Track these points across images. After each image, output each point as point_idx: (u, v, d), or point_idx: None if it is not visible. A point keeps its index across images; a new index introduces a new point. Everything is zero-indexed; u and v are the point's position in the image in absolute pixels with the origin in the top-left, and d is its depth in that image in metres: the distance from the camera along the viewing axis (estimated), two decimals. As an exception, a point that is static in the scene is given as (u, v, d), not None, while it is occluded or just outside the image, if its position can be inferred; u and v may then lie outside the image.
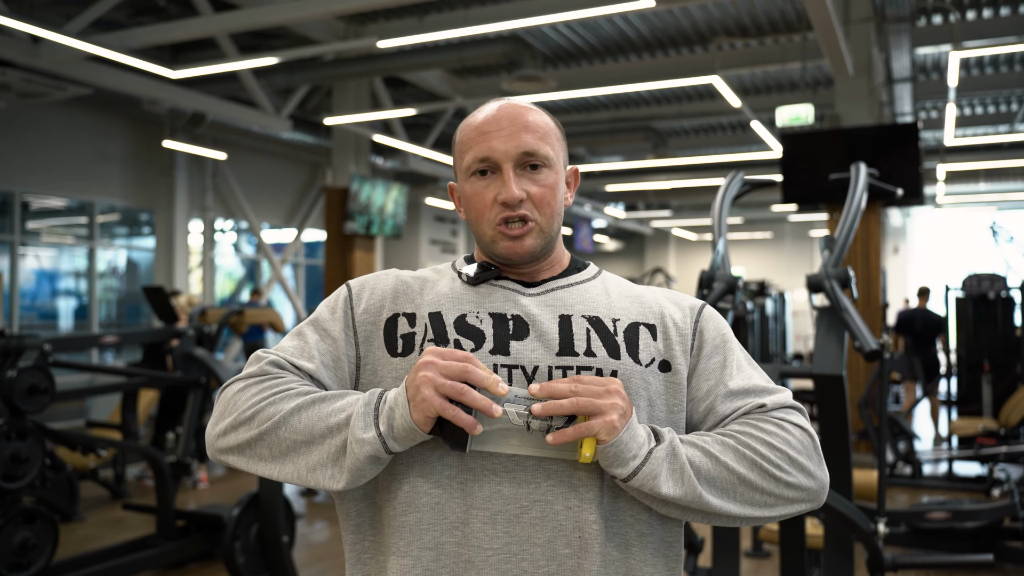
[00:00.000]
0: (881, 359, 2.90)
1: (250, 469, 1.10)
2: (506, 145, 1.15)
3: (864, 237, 7.98)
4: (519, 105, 1.20)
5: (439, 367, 1.01)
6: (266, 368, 1.14)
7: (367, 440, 1.03)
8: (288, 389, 1.10)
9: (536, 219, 1.16)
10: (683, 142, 13.85)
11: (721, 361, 1.20)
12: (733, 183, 3.55)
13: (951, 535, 4.77)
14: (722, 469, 1.08)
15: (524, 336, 1.14)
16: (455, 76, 10.35)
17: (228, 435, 1.10)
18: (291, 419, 1.07)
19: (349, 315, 1.20)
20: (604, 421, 1.02)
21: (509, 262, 1.19)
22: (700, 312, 1.23)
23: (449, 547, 1.08)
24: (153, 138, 10.44)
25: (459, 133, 1.22)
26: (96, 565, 4.23)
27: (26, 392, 3.86)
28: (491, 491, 1.08)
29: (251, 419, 1.08)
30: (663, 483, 1.05)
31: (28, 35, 6.59)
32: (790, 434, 1.11)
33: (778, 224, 21.49)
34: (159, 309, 5.31)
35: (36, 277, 10.06)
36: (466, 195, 1.19)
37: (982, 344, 7.42)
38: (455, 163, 1.23)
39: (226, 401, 1.12)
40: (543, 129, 1.19)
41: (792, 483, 1.09)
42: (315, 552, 5.12)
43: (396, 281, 1.23)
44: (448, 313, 1.16)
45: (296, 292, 13.65)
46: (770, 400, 1.14)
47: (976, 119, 12.41)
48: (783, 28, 8.54)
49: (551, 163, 1.19)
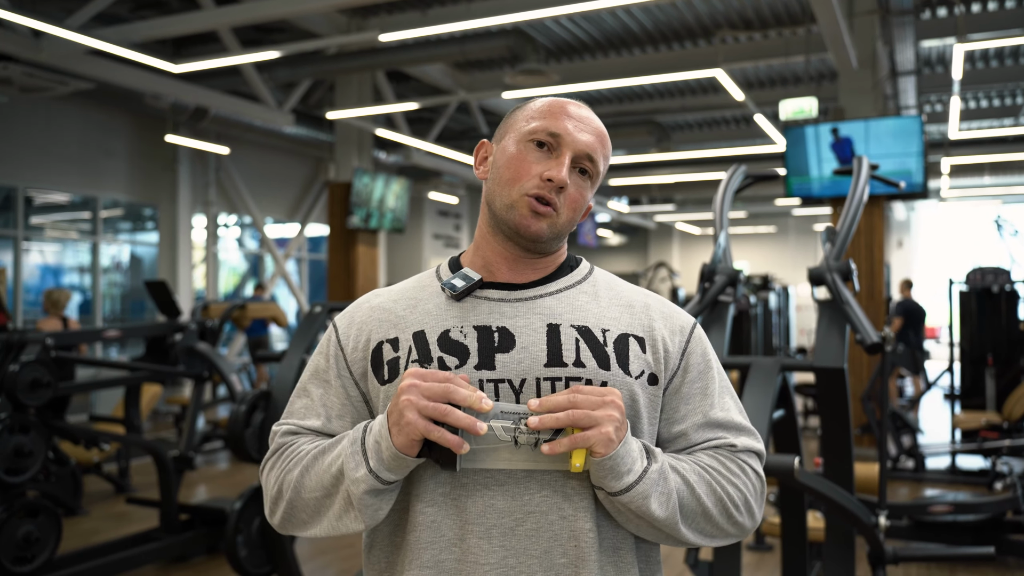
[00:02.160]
0: (883, 352, 2.89)
1: (306, 535, 1.16)
2: (578, 136, 1.17)
3: (868, 231, 7.96)
4: (594, 114, 1.23)
5: (421, 389, 1.01)
6: (280, 441, 1.19)
7: (360, 479, 1.05)
8: (297, 454, 1.15)
9: (560, 211, 1.16)
10: (687, 136, 13.81)
11: (703, 388, 1.21)
12: (735, 176, 3.54)
13: (953, 528, 4.77)
14: (695, 500, 1.11)
15: (510, 348, 1.13)
16: (458, 70, 10.34)
17: (275, 515, 1.17)
18: (304, 481, 1.11)
19: (342, 358, 1.21)
20: (600, 433, 1.02)
21: (516, 235, 1.17)
22: (691, 334, 1.23)
23: (448, 564, 1.09)
24: (156, 133, 10.44)
25: (532, 103, 1.22)
26: (100, 559, 4.25)
27: (28, 386, 3.87)
28: (485, 505, 1.09)
29: (280, 494, 1.15)
30: (653, 503, 1.07)
31: (30, 29, 6.58)
32: (750, 479, 1.17)
33: (782, 218, 21.45)
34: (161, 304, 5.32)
35: (40, 272, 10.07)
36: (509, 155, 1.18)
37: (986, 338, 7.39)
38: (510, 125, 1.22)
39: (263, 484, 1.19)
40: (606, 145, 1.22)
41: (739, 523, 1.15)
42: (318, 546, 5.13)
43: (379, 309, 1.22)
44: (431, 331, 1.16)
45: (300, 287, 13.66)
46: (739, 442, 1.18)
47: (981, 112, 12.35)
48: (787, 21, 8.51)
49: (595, 179, 1.21)
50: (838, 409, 2.96)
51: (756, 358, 2.97)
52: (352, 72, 9.05)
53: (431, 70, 9.82)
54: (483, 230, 1.23)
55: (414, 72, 9.68)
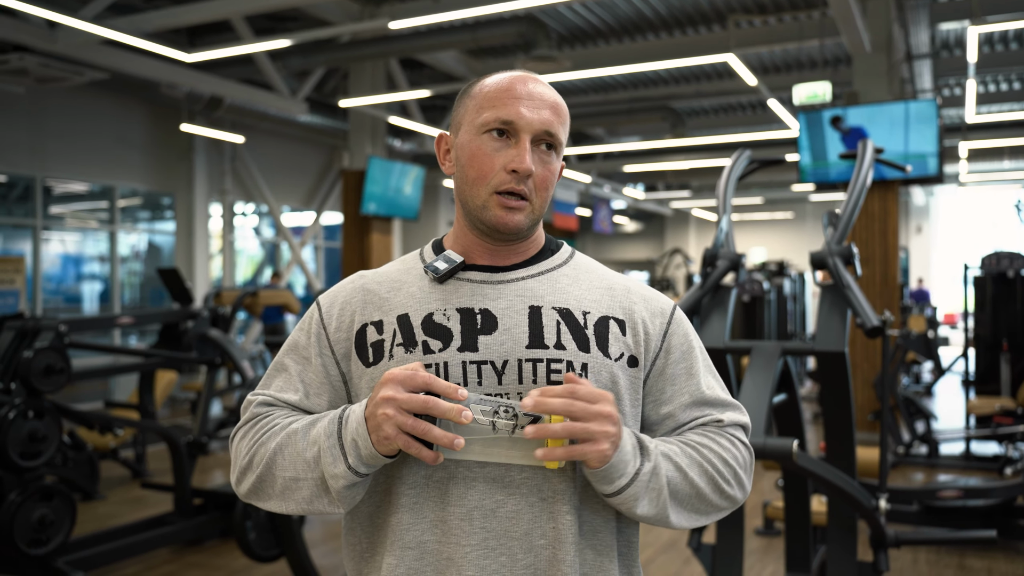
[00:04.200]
0: (884, 336, 2.89)
1: (269, 508, 1.16)
2: (532, 116, 1.14)
3: (882, 216, 7.90)
4: (544, 82, 1.20)
5: (399, 402, 1.00)
6: (255, 411, 1.18)
7: (339, 475, 1.06)
8: (272, 427, 1.14)
9: (532, 199, 1.15)
10: (701, 122, 13.74)
11: (687, 368, 1.22)
12: (739, 161, 3.54)
13: (963, 513, 4.75)
14: (688, 484, 1.13)
15: (492, 330, 1.13)
16: (471, 57, 10.33)
17: (241, 484, 1.17)
18: (276, 459, 1.12)
19: (323, 336, 1.20)
20: (596, 450, 1.03)
21: (495, 232, 1.17)
22: (671, 317, 1.24)
23: (431, 545, 1.10)
24: (172, 122, 10.51)
25: (479, 87, 1.19)
26: (115, 541, 4.33)
27: (42, 372, 3.93)
28: (466, 488, 1.10)
29: (249, 465, 1.14)
30: (640, 505, 1.09)
31: (45, 20, 6.65)
32: (739, 452, 1.19)
33: (799, 204, 21.32)
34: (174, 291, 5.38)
35: (60, 261, 10.20)
36: (470, 151, 1.16)
37: (1000, 323, 7.34)
38: (463, 115, 1.20)
39: (233, 452, 1.19)
40: (563, 114, 1.19)
41: (730, 495, 1.17)
42: (328, 530, 5.18)
43: (363, 290, 1.22)
44: (415, 314, 1.16)
45: (316, 275, 13.74)
46: (726, 417, 1.21)
47: (999, 96, 12.19)
48: (800, 5, 8.44)
49: (560, 149, 1.19)
50: (840, 393, 2.96)
51: (758, 342, 2.97)
52: (365, 60, 9.06)
53: (444, 57, 9.81)
54: (460, 222, 1.23)
55: (427, 59, 9.69)
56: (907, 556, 4.66)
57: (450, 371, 1.11)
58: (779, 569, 4.43)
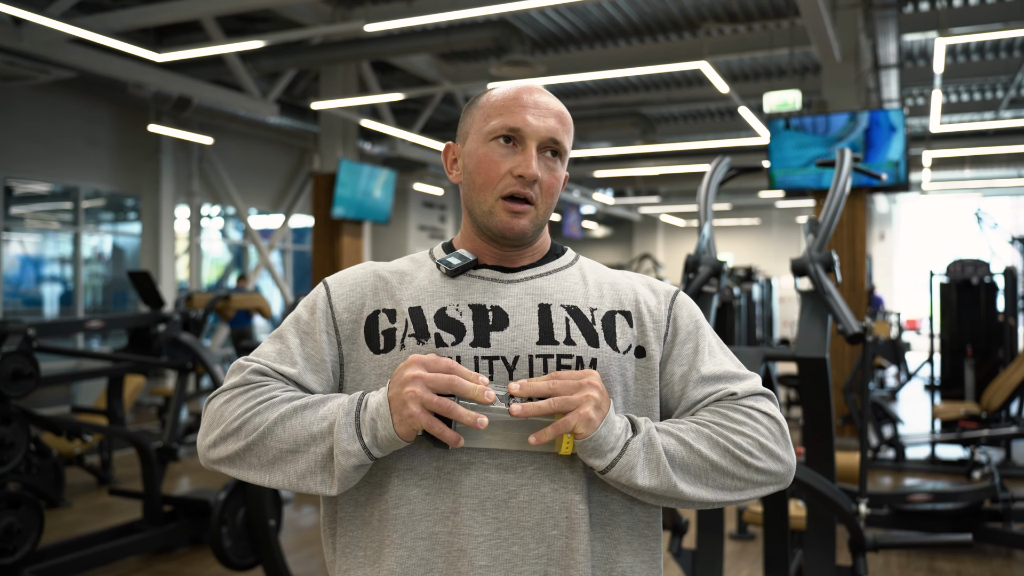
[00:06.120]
0: (864, 343, 2.92)
1: (242, 477, 1.12)
2: (538, 124, 1.17)
3: (850, 223, 8.01)
4: (549, 93, 1.23)
5: (425, 380, 1.02)
6: (249, 377, 1.14)
7: (352, 452, 1.05)
8: (272, 397, 1.11)
9: (538, 204, 1.18)
10: (672, 128, 13.85)
11: (694, 347, 1.23)
12: (719, 168, 3.56)
13: (932, 517, 4.82)
14: (696, 456, 1.11)
15: (504, 327, 1.15)
16: (443, 61, 10.31)
17: (218, 447, 1.11)
18: (276, 429, 1.08)
19: (329, 314, 1.19)
20: (579, 415, 1.03)
21: (501, 237, 1.19)
22: (674, 298, 1.26)
23: (442, 536, 1.10)
24: (138, 122, 10.36)
25: (486, 97, 1.23)
26: (83, 550, 4.22)
27: (10, 377, 3.84)
28: (478, 479, 1.10)
29: (238, 430, 1.10)
30: (639, 474, 1.07)
31: (10, 17, 6.52)
32: (759, 422, 1.15)
33: (765, 211, 21.55)
34: (144, 294, 5.28)
35: (20, 263, 9.99)
36: (477, 158, 1.19)
37: (965, 329, 7.47)
38: (470, 125, 1.23)
39: (213, 413, 1.13)
40: (568, 124, 1.22)
41: (761, 468, 1.13)
42: (303, 536, 5.13)
43: (374, 276, 1.22)
44: (428, 307, 1.17)
45: (284, 278, 13.61)
46: (740, 388, 1.18)
47: (962, 106, 12.45)
48: (771, 14, 8.54)
49: (564, 157, 1.22)
50: (820, 399, 2.99)
51: (739, 348, 2.99)
52: (337, 62, 9.01)
53: (416, 61, 9.79)
54: (468, 229, 1.25)
55: (399, 63, 9.66)
56: (879, 559, 4.71)
57: (463, 366, 1.11)
58: (755, 573, 4.46)
